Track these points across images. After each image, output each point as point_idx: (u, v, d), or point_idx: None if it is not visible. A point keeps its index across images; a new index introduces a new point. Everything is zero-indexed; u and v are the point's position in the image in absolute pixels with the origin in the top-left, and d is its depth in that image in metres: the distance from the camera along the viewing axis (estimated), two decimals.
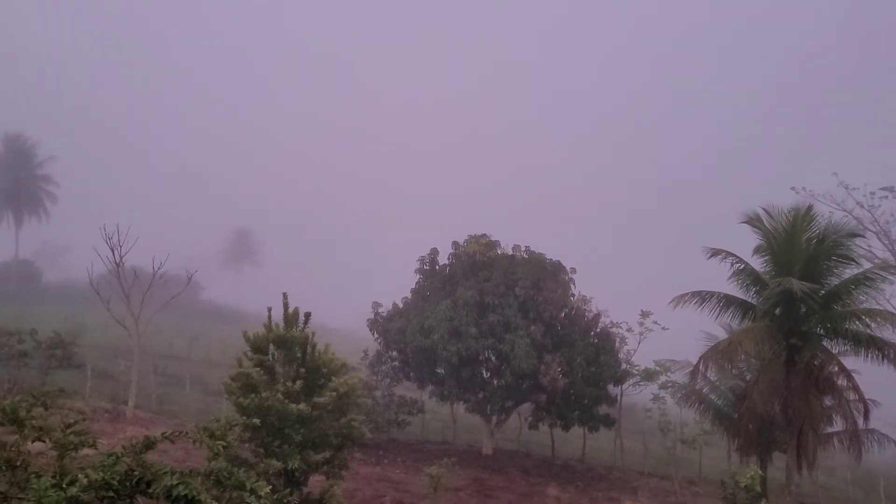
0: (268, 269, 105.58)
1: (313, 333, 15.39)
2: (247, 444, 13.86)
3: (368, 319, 32.19)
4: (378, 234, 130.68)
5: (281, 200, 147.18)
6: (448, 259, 31.87)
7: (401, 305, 31.88)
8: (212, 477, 8.05)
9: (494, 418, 31.40)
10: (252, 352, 15.12)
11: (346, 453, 15.72)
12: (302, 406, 14.06)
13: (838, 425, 27.63)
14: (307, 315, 15.39)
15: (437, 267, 32.04)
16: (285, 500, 8.66)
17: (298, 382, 14.41)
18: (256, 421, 12.70)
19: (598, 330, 31.30)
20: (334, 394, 14.62)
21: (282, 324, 15.25)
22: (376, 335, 31.91)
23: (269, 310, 15.38)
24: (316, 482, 15.19)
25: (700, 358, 26.20)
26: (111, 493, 7.52)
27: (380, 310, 32.07)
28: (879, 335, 25.21)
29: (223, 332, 53.37)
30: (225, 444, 8.63)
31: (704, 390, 32.01)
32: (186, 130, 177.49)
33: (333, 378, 15.02)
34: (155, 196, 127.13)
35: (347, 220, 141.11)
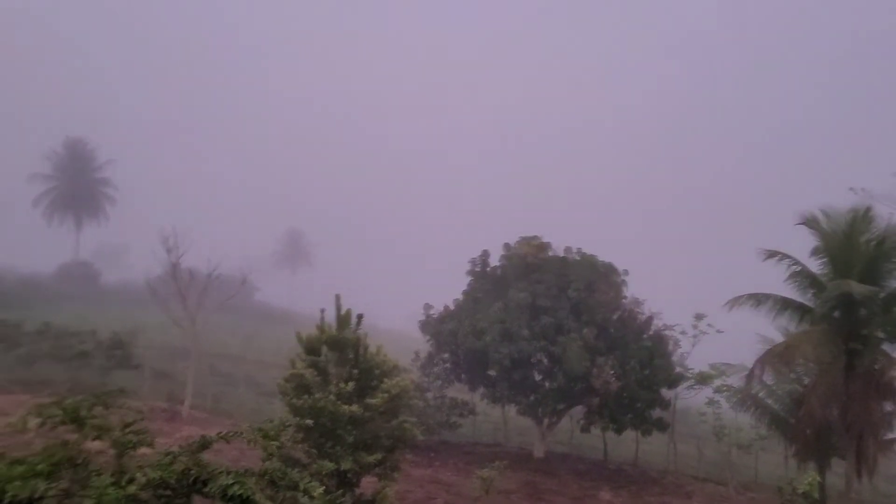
0: (320, 272, 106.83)
1: (365, 335, 15.52)
2: (300, 445, 14.02)
3: (420, 321, 32.30)
4: (430, 236, 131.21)
5: (336, 206, 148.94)
6: (499, 261, 31.80)
7: (452, 307, 31.91)
8: (266, 477, 8.16)
9: (546, 421, 31.22)
10: (305, 353, 15.32)
11: (398, 455, 15.80)
12: (354, 407, 14.18)
13: None
14: (359, 316, 15.51)
15: (489, 269, 31.99)
16: (338, 501, 8.73)
17: (351, 384, 14.54)
18: (309, 422, 12.85)
19: (651, 332, 30.89)
20: (386, 395, 14.71)
21: (334, 325, 15.39)
22: (428, 337, 32.00)
23: (322, 311, 15.55)
24: (368, 483, 15.28)
25: (756, 361, 25.69)
26: (168, 492, 7.69)
27: (431, 311, 32.16)
28: None
29: (277, 333, 54.10)
30: (278, 444, 8.75)
31: (760, 394, 31.30)
32: (243, 138, 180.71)
33: (385, 380, 15.12)
34: (211, 199, 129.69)
35: (401, 223, 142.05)
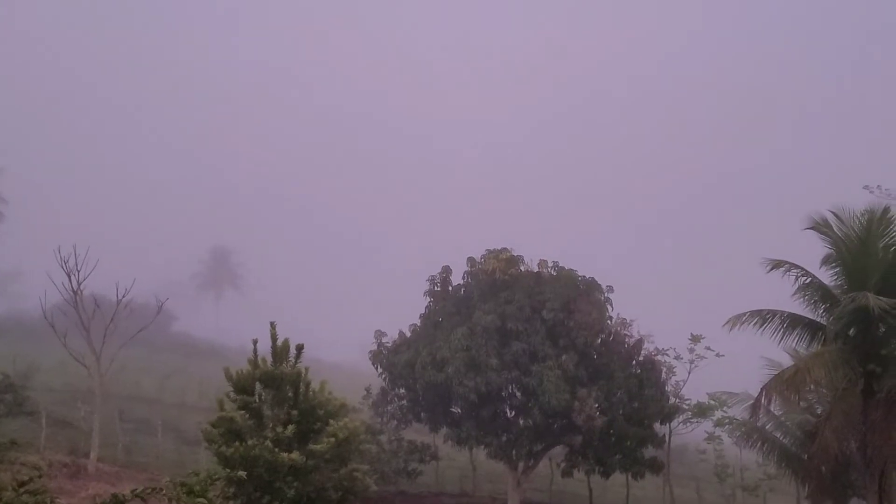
0: (252, 297, 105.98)
1: (306, 369, 15.43)
2: (231, 502, 13.85)
3: (371, 352, 32.18)
4: (382, 252, 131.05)
5: (269, 217, 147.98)
6: (463, 278, 31.82)
7: (408, 334, 31.85)
8: None
9: (521, 465, 31.24)
10: (235, 392, 15.18)
11: None
12: (295, 455, 14.07)
13: None
14: (299, 348, 15.43)
15: (451, 288, 31.96)
16: None
17: (290, 427, 14.44)
18: (242, 474, 12.70)
19: (640, 358, 31.16)
20: (332, 440, 14.63)
21: (270, 359, 15.28)
22: (380, 370, 31.86)
23: (255, 342, 15.43)
24: None
25: (762, 389, 26.08)
26: None
27: (384, 340, 32.03)
28: None
29: (201, 370, 53.56)
30: (206, 502, 8.63)
31: (767, 427, 31.81)
32: (153, 142, 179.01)
33: (331, 421, 15.05)
34: (118, 215, 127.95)
35: (345, 237, 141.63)
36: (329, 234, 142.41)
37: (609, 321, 31.03)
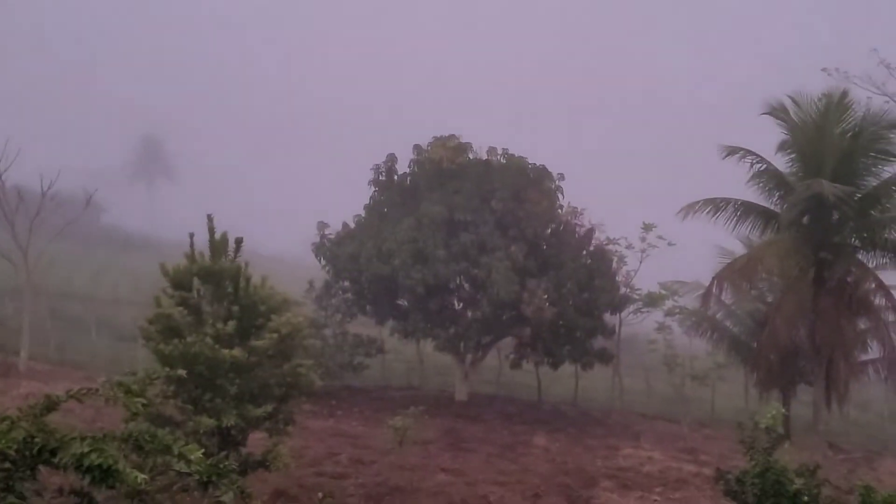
0: (187, 186, 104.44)
1: (247, 264, 15.33)
2: (171, 401, 13.92)
3: (313, 244, 32.10)
4: (325, 137, 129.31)
5: (202, 101, 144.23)
6: (409, 167, 31.64)
7: (352, 225, 31.78)
8: (130, 441, 8.08)
9: (469, 357, 31.85)
10: (172, 288, 15.04)
11: (293, 405, 15.90)
12: (236, 351, 14.08)
13: (874, 352, 28.58)
14: (238, 241, 15.28)
15: (397, 177, 31.79)
16: (222, 465, 8.74)
17: (231, 323, 14.40)
18: (182, 372, 12.71)
19: (591, 248, 31.57)
20: (275, 335, 14.66)
21: (207, 253, 15.14)
22: (323, 262, 31.87)
23: (192, 236, 15.23)
24: (257, 441, 15.38)
25: (713, 278, 26.76)
26: (7, 465, 7.53)
27: (327, 231, 31.95)
28: None
29: (134, 264, 53.05)
30: (145, 401, 8.64)
31: (718, 316, 32.79)
32: (79, 17, 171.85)
33: (273, 317, 15.03)
34: (39, 99, 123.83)
35: (285, 120, 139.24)
36: (269, 119, 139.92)
37: (560, 211, 31.28)
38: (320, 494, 15.11)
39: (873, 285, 25.14)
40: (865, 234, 25.27)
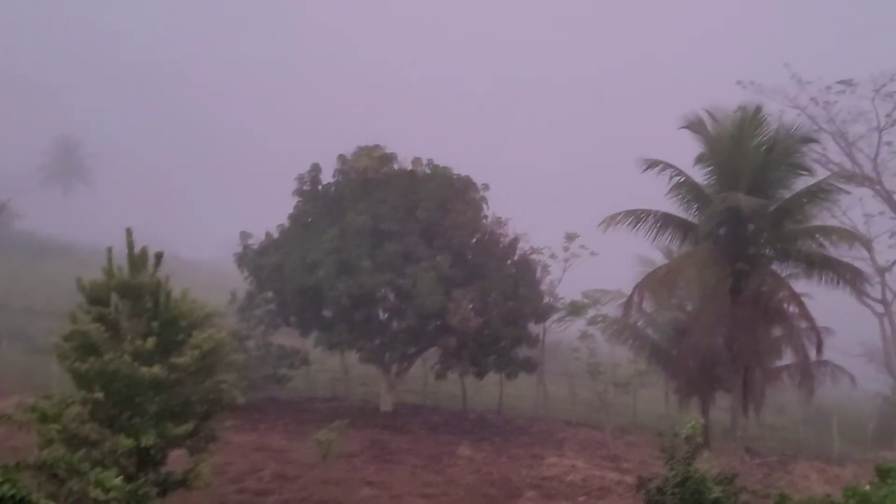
0: (105, 191, 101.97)
1: (167, 278, 15.07)
2: (88, 424, 13.58)
3: (236, 254, 31.69)
4: (250, 145, 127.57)
5: (121, 104, 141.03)
6: (334, 177, 31.48)
7: (276, 235, 31.47)
8: (45, 469, 7.88)
9: (395, 367, 31.77)
10: (89, 303, 14.70)
11: (215, 422, 15.67)
12: (156, 369, 13.83)
13: (788, 358, 29.38)
14: (158, 256, 15.02)
15: (321, 187, 31.61)
16: (141, 491, 8.57)
17: (150, 340, 14.14)
18: (99, 395, 12.43)
19: (515, 258, 31.78)
20: (197, 352, 14.45)
21: (126, 267, 14.84)
22: (247, 273, 31.49)
23: (110, 250, 14.92)
24: (178, 457, 15.11)
25: (635, 287, 27.20)
26: None
27: (250, 241, 31.58)
28: (834, 255, 26.71)
29: (49, 271, 51.72)
30: (60, 427, 8.43)
31: (639, 324, 33.32)
32: None
33: (195, 332, 14.82)
34: None
35: (210, 126, 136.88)
36: (193, 124, 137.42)
37: (484, 221, 31.43)
38: None
39: (786, 294, 25.86)
40: (779, 246, 25.99)
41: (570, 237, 33.64)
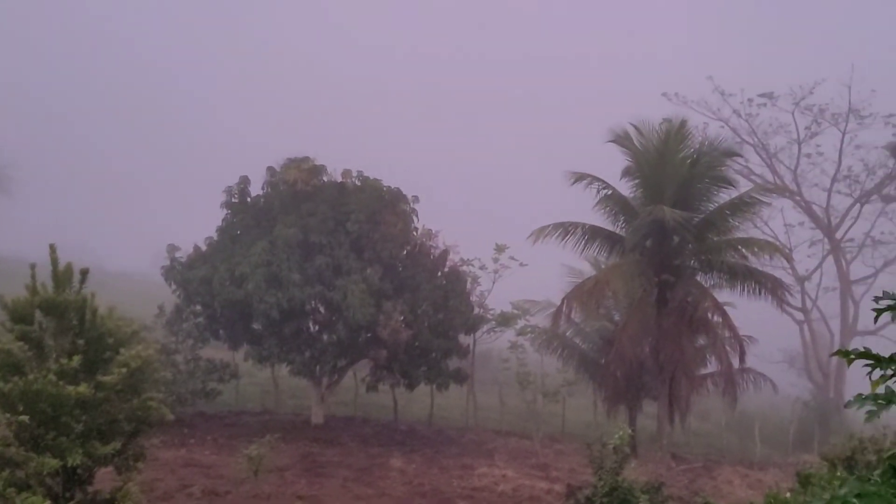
0: (22, 199, 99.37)
1: (93, 294, 14.79)
2: (12, 448, 13.26)
3: (163, 267, 31.21)
4: (178, 155, 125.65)
5: (43, 108, 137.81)
6: (262, 189, 31.26)
7: (204, 248, 31.11)
8: None
9: (325, 380, 31.64)
10: (11, 321, 14.37)
11: (143, 440, 15.42)
12: (82, 388, 13.54)
13: (712, 366, 30.15)
14: (84, 272, 14.72)
15: (249, 199, 31.37)
16: None
17: (76, 358, 13.85)
18: (24, 418, 12.17)
19: (446, 269, 31.95)
20: (124, 370, 14.18)
21: (50, 284, 14.54)
22: (174, 286, 31.04)
23: (33, 267, 14.59)
24: (106, 477, 14.85)
25: (563, 299, 27.68)
26: None
27: (177, 255, 31.14)
28: (756, 266, 27.50)
29: None
30: None
31: (568, 334, 33.82)
32: None
33: (122, 350, 14.56)
34: None
35: (135, 134, 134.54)
36: (119, 131, 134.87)
37: (415, 232, 31.54)
38: None
39: (711, 304, 26.53)
40: (703, 257, 26.67)
41: (500, 249, 33.99)
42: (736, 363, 28.29)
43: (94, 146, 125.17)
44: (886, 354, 4.61)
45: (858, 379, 4.64)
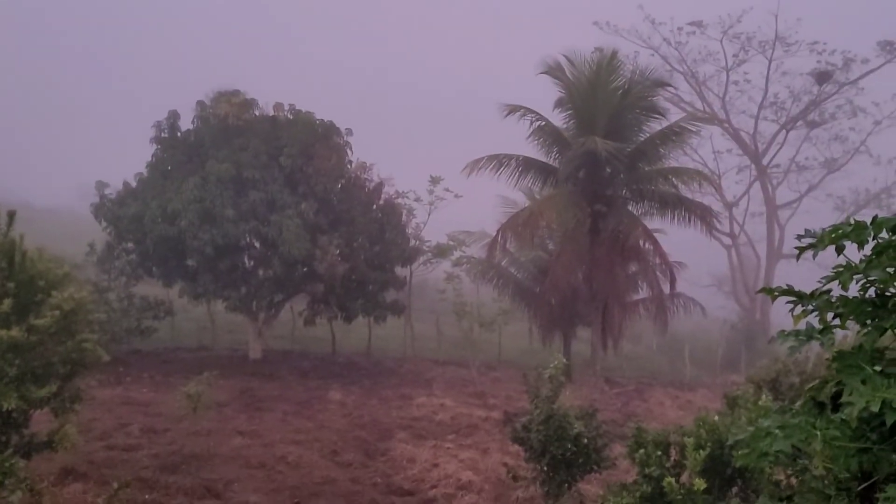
0: None
1: (21, 237, 14.50)
2: None
3: (92, 204, 30.58)
4: (104, 89, 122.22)
5: None
6: (193, 124, 30.65)
7: (134, 185, 30.53)
8: None
9: (262, 315, 31.60)
10: None
11: (79, 382, 15.31)
12: (14, 331, 13.36)
13: (644, 292, 30.84)
14: (11, 214, 14.41)
15: (180, 134, 30.76)
16: (7, 465, 8.41)
17: (7, 302, 13.63)
18: None
19: (381, 202, 31.90)
20: (57, 312, 14.01)
21: None
22: (105, 224, 30.46)
23: None
24: (43, 419, 14.75)
25: (498, 230, 27.89)
26: None
27: (107, 191, 30.51)
28: (686, 194, 28.00)
29: None
30: None
31: (504, 264, 34.18)
32: None
33: (54, 292, 14.35)
34: None
35: (62, 67, 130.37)
36: (45, 64, 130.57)
37: (349, 166, 31.36)
38: (115, 485, 14.62)
39: (642, 233, 27.01)
40: (635, 187, 27.06)
41: (435, 180, 34.04)
42: (666, 289, 28.97)
43: (15, 78, 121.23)
44: (810, 278, 4.83)
45: (784, 301, 4.86)
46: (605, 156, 24.68)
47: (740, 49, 48.75)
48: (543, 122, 26.84)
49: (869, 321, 4.46)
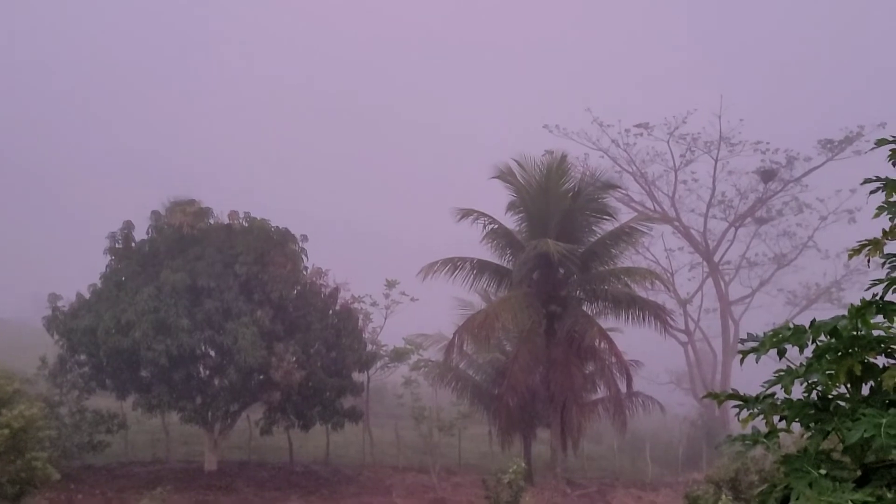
0: None
1: None
2: None
3: (45, 317, 30.20)
4: (58, 201, 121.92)
5: None
6: (147, 233, 30.67)
7: (87, 296, 30.26)
8: None
9: (218, 426, 31.09)
10: None
11: (29, 501, 15.00)
12: None
13: (602, 391, 30.95)
14: None
15: (135, 244, 30.73)
16: None
17: None
18: None
19: (337, 308, 31.90)
20: (6, 431, 13.83)
21: None
22: (57, 337, 30.03)
23: None
24: None
25: (455, 332, 28.02)
26: None
27: (59, 304, 30.19)
28: (640, 292, 28.44)
29: None
30: None
31: (462, 366, 34.16)
32: None
33: (4, 410, 14.19)
34: None
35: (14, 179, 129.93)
36: None
37: (304, 272, 31.43)
38: None
39: (597, 333, 27.28)
40: (588, 287, 27.44)
41: (391, 284, 34.21)
42: (624, 388, 29.12)
43: None
44: (767, 371, 5.02)
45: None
46: (558, 257, 25.10)
47: (687, 149, 50.20)
48: (496, 226, 27.35)
49: (812, 424, 4.63)
